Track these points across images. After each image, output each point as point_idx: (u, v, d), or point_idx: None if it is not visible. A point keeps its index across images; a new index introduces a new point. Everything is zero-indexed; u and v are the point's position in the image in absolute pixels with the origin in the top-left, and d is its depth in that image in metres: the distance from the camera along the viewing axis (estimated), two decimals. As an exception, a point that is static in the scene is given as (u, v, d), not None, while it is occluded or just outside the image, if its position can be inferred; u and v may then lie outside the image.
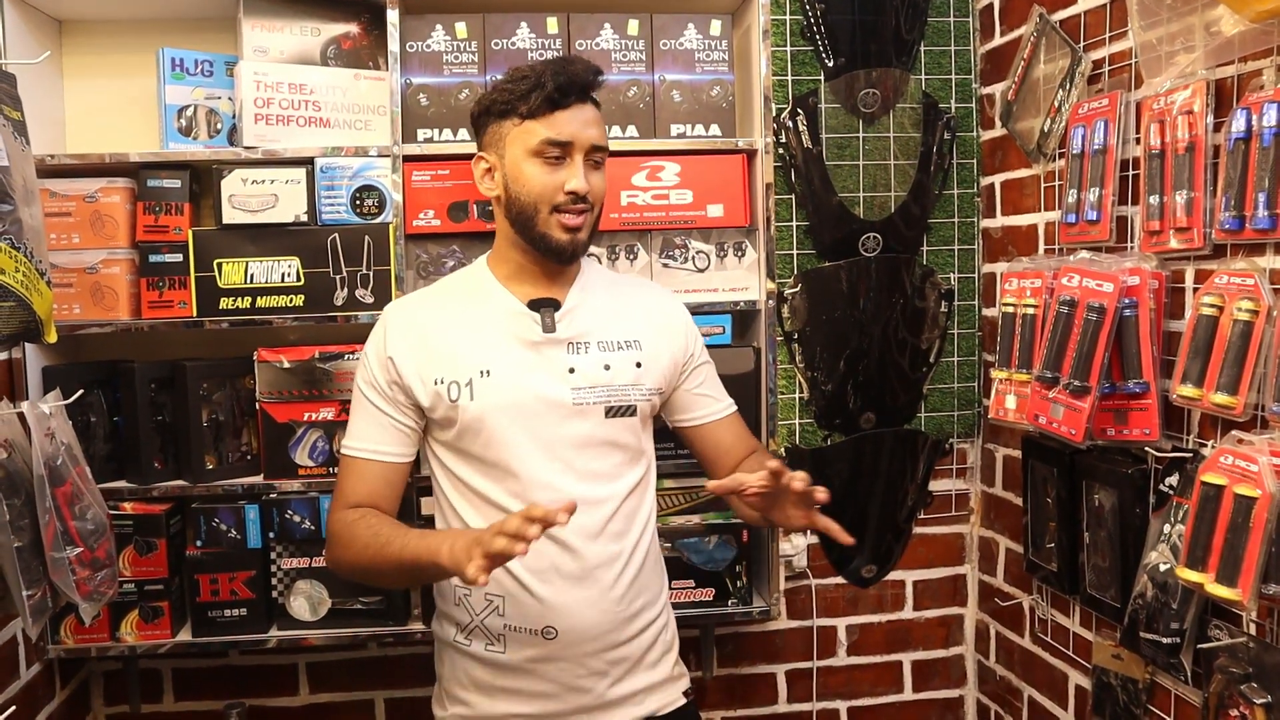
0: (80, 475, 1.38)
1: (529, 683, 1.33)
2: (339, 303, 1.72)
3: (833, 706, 2.12)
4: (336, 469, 1.70)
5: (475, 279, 1.41)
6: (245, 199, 1.70)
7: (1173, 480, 1.41)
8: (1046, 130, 1.73)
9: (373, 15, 1.79)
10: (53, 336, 1.34)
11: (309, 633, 1.74)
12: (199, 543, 1.72)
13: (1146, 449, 1.45)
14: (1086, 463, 1.60)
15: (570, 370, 1.34)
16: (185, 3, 1.77)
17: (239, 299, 1.71)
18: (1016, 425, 1.72)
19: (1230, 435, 1.22)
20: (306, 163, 1.72)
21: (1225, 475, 1.19)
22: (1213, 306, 1.28)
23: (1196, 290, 1.34)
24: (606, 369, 1.36)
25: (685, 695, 1.44)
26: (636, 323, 1.41)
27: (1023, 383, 1.64)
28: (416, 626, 1.75)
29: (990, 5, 1.96)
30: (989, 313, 2.04)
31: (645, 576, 1.39)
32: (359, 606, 1.74)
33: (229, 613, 1.72)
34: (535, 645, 1.32)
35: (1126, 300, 1.42)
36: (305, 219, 1.72)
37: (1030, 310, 1.64)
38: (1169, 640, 1.40)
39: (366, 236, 1.71)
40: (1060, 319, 1.52)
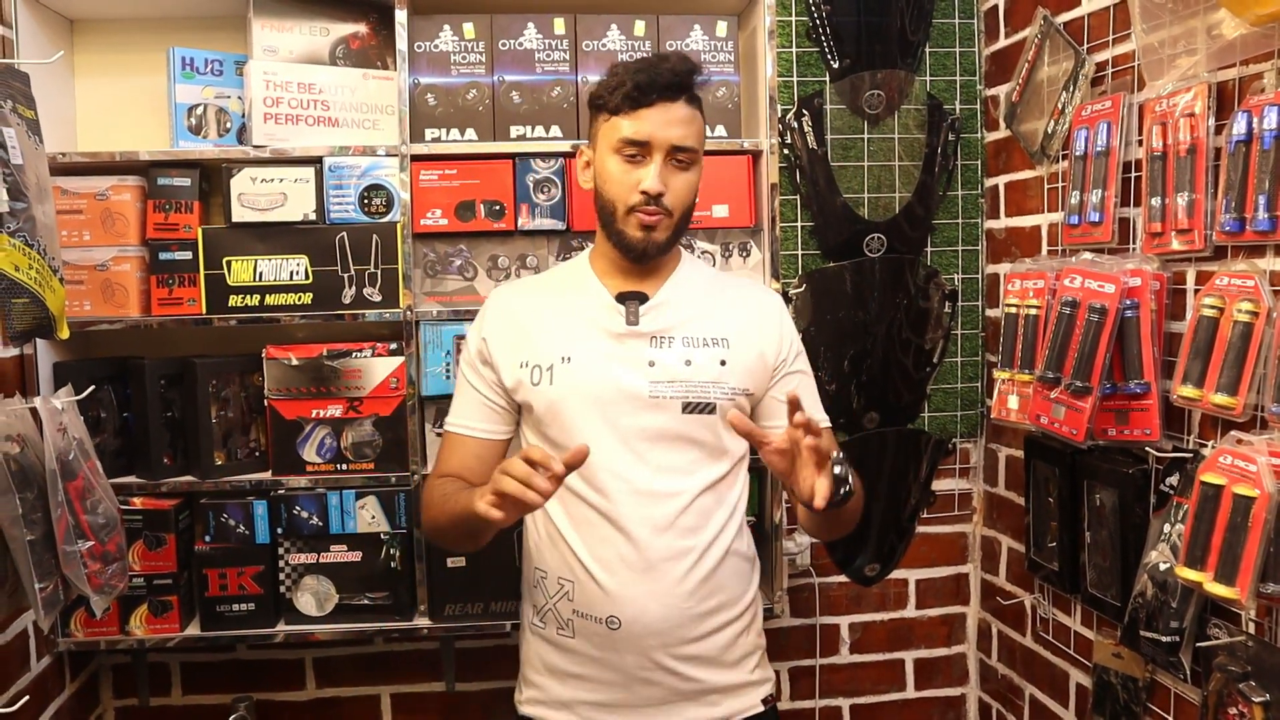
0: (91, 470, 1.39)
1: (596, 670, 1.35)
2: (347, 301, 1.73)
3: (835, 704, 2.13)
4: (343, 466, 1.74)
5: (575, 269, 1.44)
6: (254, 197, 1.72)
7: (1173, 480, 1.42)
8: (1050, 132, 1.74)
9: (381, 15, 1.81)
10: (65, 333, 1.35)
11: (316, 628, 1.76)
12: (208, 538, 1.73)
13: (1147, 449, 1.46)
14: (1088, 463, 1.61)
15: (650, 364, 1.34)
16: (196, 2, 1.79)
17: (248, 297, 1.72)
18: (1019, 425, 1.73)
19: (1230, 435, 1.23)
20: (315, 162, 1.73)
21: (1224, 475, 1.20)
22: (1213, 308, 1.29)
23: (1197, 291, 1.35)
24: (688, 364, 1.35)
25: (765, 702, 1.42)
26: (728, 321, 1.39)
27: (1025, 383, 1.65)
28: (422, 622, 1.76)
29: (995, 7, 1.97)
30: (992, 313, 2.04)
31: (722, 576, 1.37)
32: (365, 602, 1.75)
33: (237, 607, 1.74)
34: (600, 634, 1.33)
35: (1128, 301, 1.43)
36: (314, 218, 1.73)
37: (1033, 311, 1.65)
38: (1169, 639, 1.41)
39: (374, 235, 1.73)
40: (1062, 320, 1.53)
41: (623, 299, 1.37)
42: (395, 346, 1.73)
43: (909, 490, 2.06)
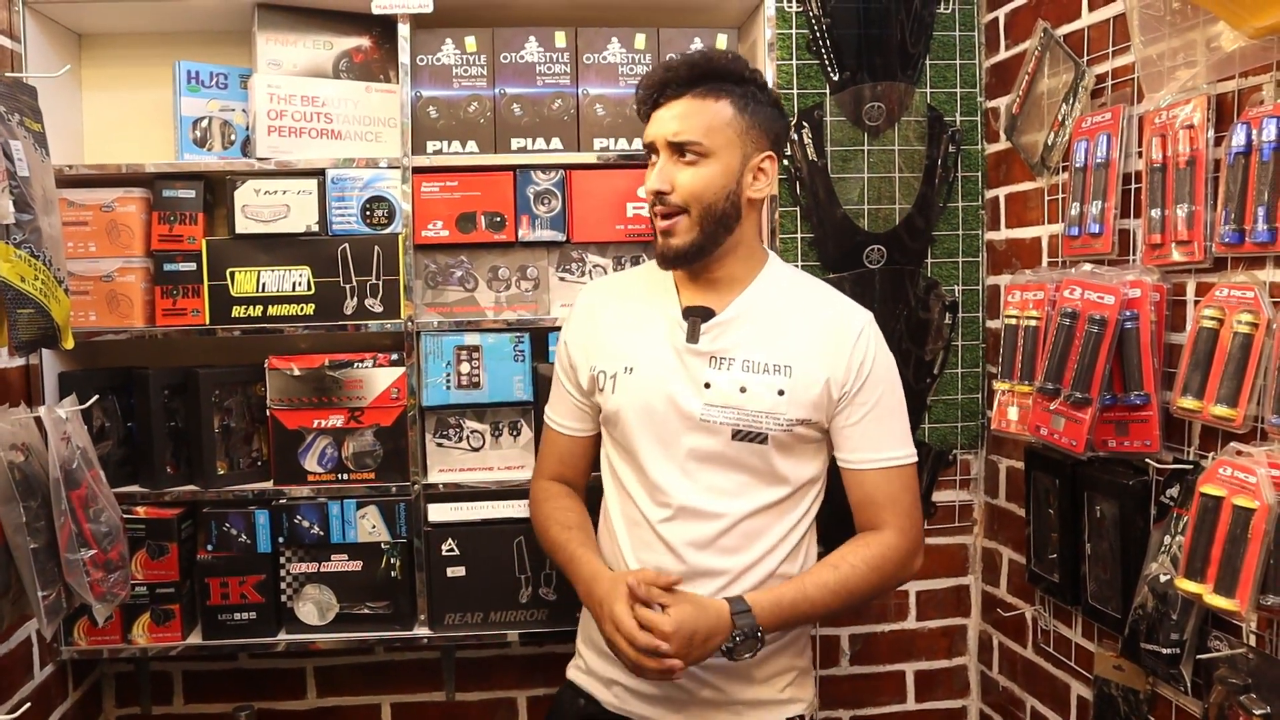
0: (95, 479, 1.40)
1: None
2: (349, 312, 1.74)
3: (836, 716, 2.12)
4: (344, 476, 1.74)
5: (658, 277, 1.42)
6: (258, 209, 1.73)
7: (1173, 492, 1.42)
8: (1050, 144, 1.75)
9: (384, 29, 1.82)
10: (70, 343, 1.36)
11: (317, 637, 1.76)
12: (210, 547, 1.74)
13: (1147, 460, 1.46)
14: (1088, 474, 1.61)
15: (706, 385, 1.32)
16: (201, 17, 1.81)
17: (251, 307, 1.73)
18: (1019, 437, 1.73)
19: (1229, 447, 1.23)
20: (318, 174, 1.75)
21: (1224, 487, 1.20)
22: (1213, 319, 1.29)
23: (1197, 303, 1.36)
24: (742, 391, 1.31)
25: None
26: (795, 345, 1.33)
27: (1025, 394, 1.65)
28: (423, 632, 1.77)
29: (995, 19, 1.98)
30: (992, 325, 2.04)
31: None
32: (366, 611, 1.76)
33: (239, 616, 1.74)
34: None
35: (1128, 313, 1.43)
36: (316, 229, 1.75)
37: (1033, 322, 1.65)
38: (1169, 651, 1.40)
39: (376, 247, 1.74)
40: (1062, 331, 1.53)
41: (689, 314, 1.35)
42: (396, 357, 1.74)
43: (910, 501, 2.05)
